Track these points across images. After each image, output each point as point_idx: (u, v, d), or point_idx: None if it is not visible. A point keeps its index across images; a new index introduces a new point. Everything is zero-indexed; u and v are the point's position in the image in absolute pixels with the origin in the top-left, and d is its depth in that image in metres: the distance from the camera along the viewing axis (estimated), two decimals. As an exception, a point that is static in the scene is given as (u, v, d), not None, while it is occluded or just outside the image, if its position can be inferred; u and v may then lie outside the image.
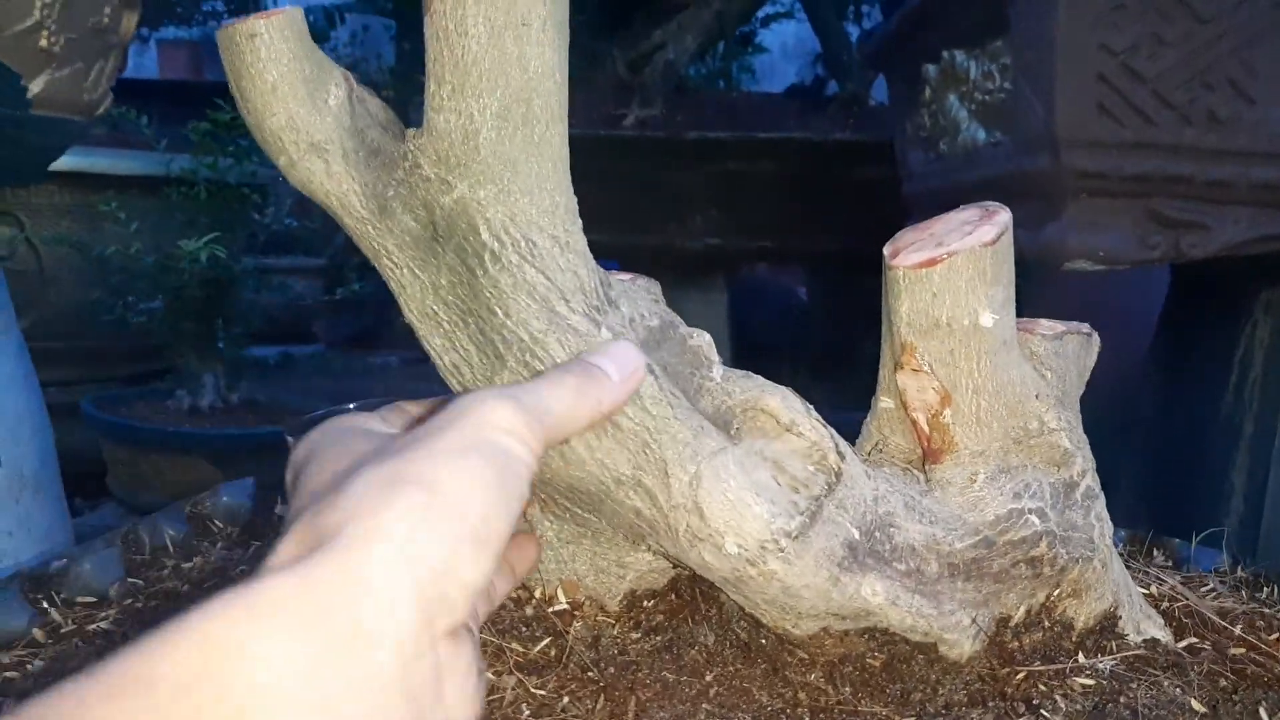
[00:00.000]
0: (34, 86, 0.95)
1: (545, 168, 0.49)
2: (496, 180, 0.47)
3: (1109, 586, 0.54)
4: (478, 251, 0.47)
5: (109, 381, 2.22)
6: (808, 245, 2.38)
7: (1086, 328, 0.59)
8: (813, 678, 0.47)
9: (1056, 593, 0.52)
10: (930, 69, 1.48)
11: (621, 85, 2.28)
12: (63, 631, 0.60)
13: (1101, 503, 0.55)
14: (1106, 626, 0.53)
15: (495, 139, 0.47)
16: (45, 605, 0.63)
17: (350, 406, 0.52)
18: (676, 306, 0.55)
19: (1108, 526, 0.54)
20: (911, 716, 0.45)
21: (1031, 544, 0.51)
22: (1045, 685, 0.48)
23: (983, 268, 0.50)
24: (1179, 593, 0.61)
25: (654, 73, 2.26)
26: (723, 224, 2.25)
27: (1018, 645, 0.51)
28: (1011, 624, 0.51)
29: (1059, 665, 0.50)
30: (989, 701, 0.47)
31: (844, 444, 0.51)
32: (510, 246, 0.47)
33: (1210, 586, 0.64)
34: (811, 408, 0.51)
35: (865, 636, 0.49)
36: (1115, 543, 0.74)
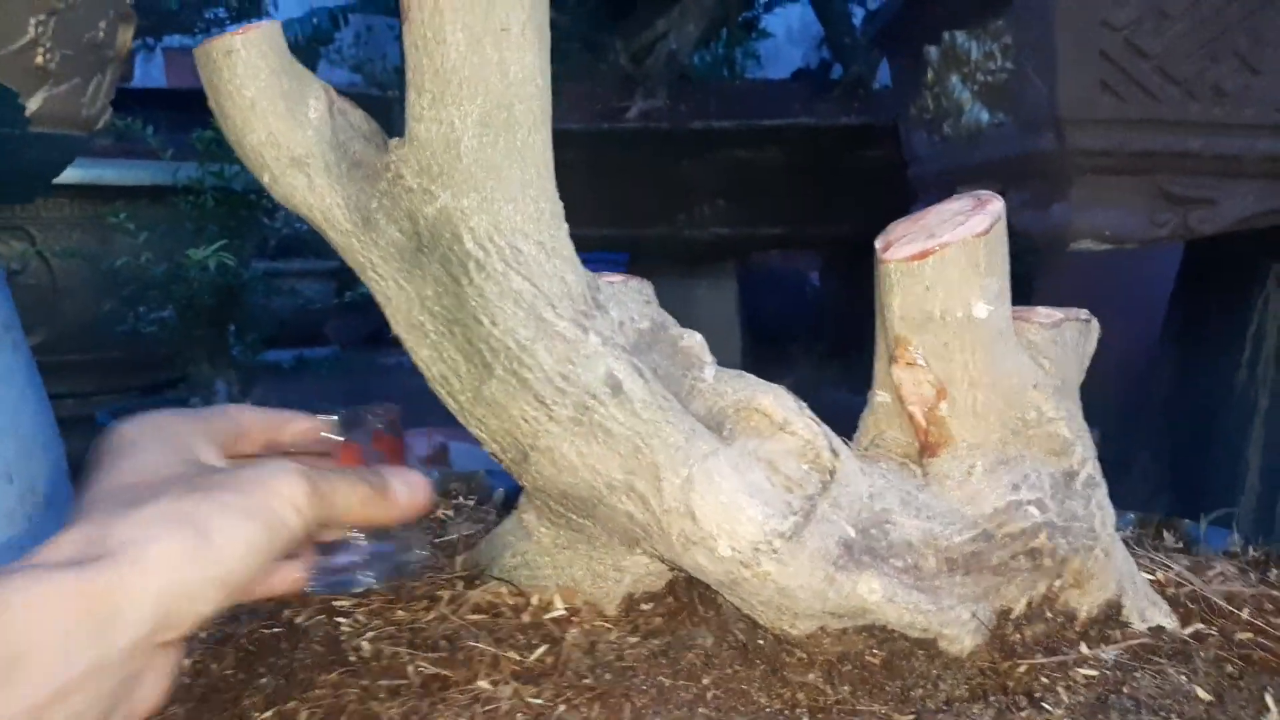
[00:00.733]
0: (31, 104, 0.95)
1: (529, 174, 0.49)
2: (480, 188, 0.47)
3: (1112, 575, 0.53)
4: (462, 260, 0.47)
5: (125, 392, 2.24)
6: (817, 232, 2.36)
7: (1085, 314, 0.58)
8: (811, 677, 0.47)
9: (1058, 584, 0.52)
10: (932, 50, 1.46)
11: (624, 77, 2.27)
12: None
13: (1103, 491, 0.54)
14: (1110, 616, 0.53)
15: (477, 147, 0.47)
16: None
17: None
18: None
19: (1109, 515, 0.54)
20: (912, 713, 0.45)
21: (1031, 535, 0.50)
22: (1048, 677, 0.47)
23: (975, 258, 0.49)
24: (1185, 577, 0.60)
25: (657, 63, 2.25)
26: (731, 213, 2.24)
27: (1019, 638, 0.50)
28: (1012, 617, 0.51)
29: (1061, 657, 0.49)
30: (990, 696, 0.46)
31: (838, 441, 0.51)
32: (495, 254, 0.47)
33: (1218, 569, 0.63)
34: (805, 405, 0.51)
35: (864, 634, 0.48)
36: (1125, 526, 0.74)
